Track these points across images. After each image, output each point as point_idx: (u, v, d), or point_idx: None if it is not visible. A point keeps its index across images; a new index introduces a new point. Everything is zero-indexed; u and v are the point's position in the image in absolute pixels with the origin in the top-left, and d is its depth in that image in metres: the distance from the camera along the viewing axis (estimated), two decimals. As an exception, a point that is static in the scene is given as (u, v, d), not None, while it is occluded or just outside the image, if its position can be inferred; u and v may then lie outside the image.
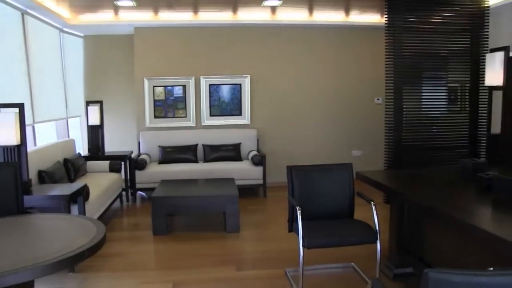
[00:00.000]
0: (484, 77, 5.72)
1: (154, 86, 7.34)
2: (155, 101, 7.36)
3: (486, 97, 5.86)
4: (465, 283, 1.45)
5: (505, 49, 5.37)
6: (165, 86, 7.35)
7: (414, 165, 5.66)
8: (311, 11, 7.01)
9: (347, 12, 7.10)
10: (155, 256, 4.49)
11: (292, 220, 3.62)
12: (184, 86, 7.37)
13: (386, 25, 5.57)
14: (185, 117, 7.44)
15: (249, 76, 7.47)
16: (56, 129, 7.09)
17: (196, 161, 6.97)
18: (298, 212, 3.32)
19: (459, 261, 3.05)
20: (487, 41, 5.86)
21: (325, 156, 7.69)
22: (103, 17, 6.86)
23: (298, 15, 7.15)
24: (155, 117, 7.38)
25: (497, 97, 5.67)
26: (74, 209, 4.27)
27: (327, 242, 3.31)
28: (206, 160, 7.00)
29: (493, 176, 3.04)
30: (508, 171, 4.28)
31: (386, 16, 5.55)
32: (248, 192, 6.89)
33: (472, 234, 2.49)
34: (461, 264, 3.02)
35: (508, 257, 2.39)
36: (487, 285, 1.45)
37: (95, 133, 6.82)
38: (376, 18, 7.30)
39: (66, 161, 5.62)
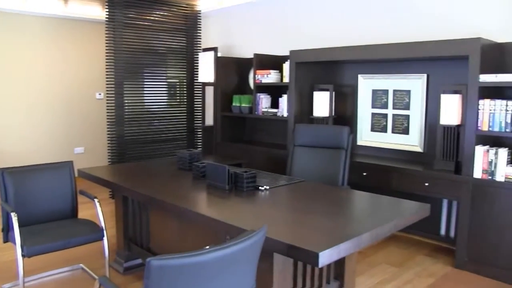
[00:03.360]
0: (198, 74, 6.21)
1: None
2: None
3: (201, 92, 6.38)
4: (185, 264, 1.55)
5: (214, 49, 5.92)
6: None
7: (137, 159, 5.79)
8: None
9: (65, 1, 6.73)
10: None
11: (8, 229, 3.27)
12: None
13: (107, 19, 5.51)
14: None
15: None
16: None
17: None
18: (14, 219, 3.01)
19: (183, 246, 3.24)
20: (200, 41, 6.37)
21: (46, 155, 7.15)
22: None
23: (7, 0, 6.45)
24: None
25: (209, 92, 6.24)
26: None
27: (49, 247, 3.09)
28: None
29: (206, 164, 3.33)
30: (219, 158, 4.75)
31: (107, 10, 5.48)
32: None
33: (191, 218, 2.68)
34: (184, 248, 3.22)
35: (221, 232, 2.67)
36: (204, 262, 1.58)
37: None
38: (97, 12, 7.12)
39: None
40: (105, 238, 3.29)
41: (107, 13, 5.48)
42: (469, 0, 4.20)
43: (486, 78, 3.69)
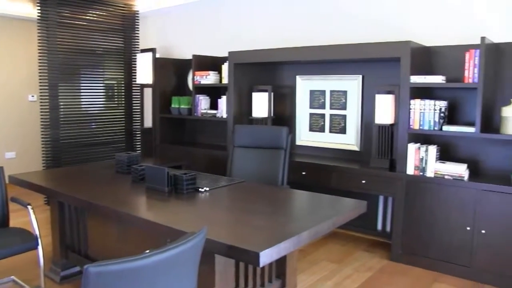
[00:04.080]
0: (136, 75, 6.11)
1: None
2: None
3: (139, 93, 6.28)
4: (124, 270, 1.52)
5: (152, 50, 5.85)
6: None
7: (74, 163, 5.61)
8: None
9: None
10: None
11: None
12: None
13: (39, 18, 5.30)
14: None
15: None
16: None
17: None
18: None
19: (123, 251, 3.18)
20: (137, 42, 6.27)
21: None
22: None
23: None
24: None
25: (148, 93, 6.15)
26: None
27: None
28: None
29: (145, 167, 3.28)
30: (159, 160, 4.70)
31: (39, 8, 5.27)
32: None
33: (131, 222, 2.64)
34: (124, 253, 3.16)
35: (161, 236, 2.64)
36: (145, 266, 1.56)
37: None
38: (27, 9, 6.82)
39: None
40: (39, 247, 3.17)
41: (39, 11, 5.27)
42: (401, 6, 4.38)
43: (416, 79, 3.87)
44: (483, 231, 3.62)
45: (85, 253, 3.53)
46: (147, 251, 1.59)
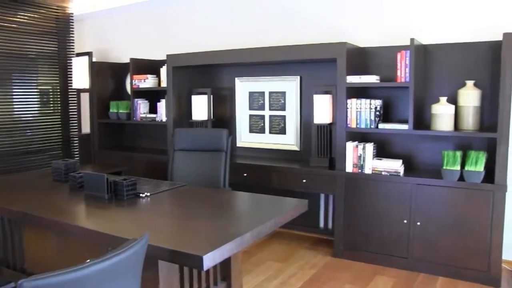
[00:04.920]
0: (72, 80, 5.93)
1: None
2: None
3: (75, 99, 6.09)
4: (64, 282, 1.47)
5: (88, 54, 5.70)
6: None
7: (8, 172, 5.37)
8: None
9: None
10: None
11: None
12: None
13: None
14: None
15: None
16: None
17: None
18: None
19: (62, 262, 3.08)
20: (73, 45, 6.09)
21: None
22: None
23: None
24: None
25: (85, 98, 5.98)
26: None
27: None
28: None
29: (83, 174, 3.20)
30: (98, 167, 4.59)
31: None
32: None
33: (70, 232, 2.56)
34: (64, 264, 3.05)
35: (102, 244, 2.59)
36: (85, 276, 1.52)
37: None
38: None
39: None
40: (-29, 262, 3.02)
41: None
42: (337, 8, 4.51)
43: (352, 79, 3.99)
44: (418, 223, 3.79)
45: (21, 268, 3.38)
46: (88, 260, 1.55)
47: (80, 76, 5.74)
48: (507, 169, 3.54)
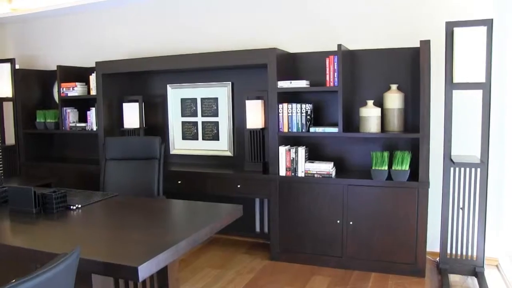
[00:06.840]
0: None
1: None
2: None
3: (-2, 109, 5.78)
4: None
5: (11, 61, 5.44)
6: None
7: None
8: None
9: None
10: None
11: None
12: None
13: None
14: None
15: None
16: None
17: None
18: None
19: (-14, 282, 2.92)
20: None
21: None
22: None
23: None
24: None
25: (8, 108, 5.69)
26: None
27: None
28: None
29: (7, 188, 3.04)
30: (25, 180, 4.39)
31: None
32: None
33: (-6, 250, 2.43)
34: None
35: (30, 261, 2.48)
36: (10, 297, 1.46)
37: None
38: None
39: None
40: None
41: None
42: (267, 15, 4.58)
43: (283, 84, 4.07)
44: (351, 223, 3.92)
45: None
46: (13, 280, 1.49)
47: (2, 84, 5.47)
48: (429, 167, 3.74)
